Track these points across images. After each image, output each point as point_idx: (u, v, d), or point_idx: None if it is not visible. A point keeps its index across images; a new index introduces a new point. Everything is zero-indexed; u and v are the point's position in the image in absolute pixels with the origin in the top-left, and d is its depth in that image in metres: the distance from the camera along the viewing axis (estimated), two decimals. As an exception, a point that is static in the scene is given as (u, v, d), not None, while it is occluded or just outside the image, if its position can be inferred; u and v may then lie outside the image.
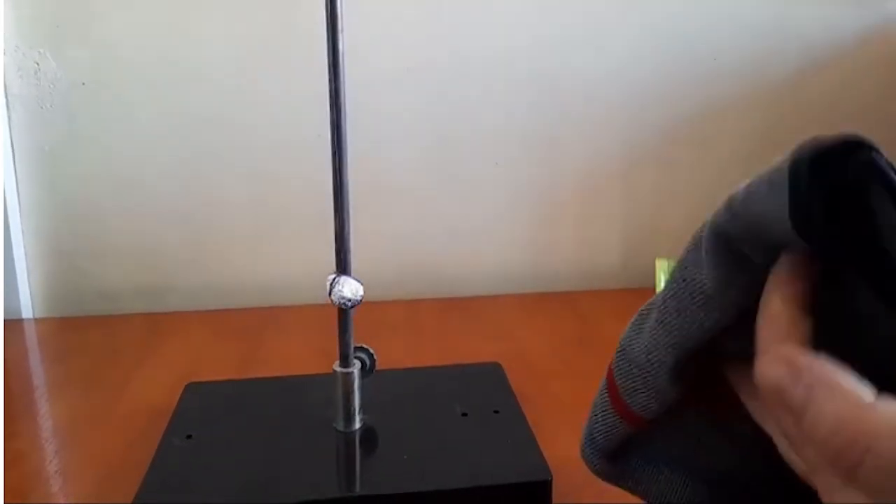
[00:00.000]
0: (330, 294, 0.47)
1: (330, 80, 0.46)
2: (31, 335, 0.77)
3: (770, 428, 0.27)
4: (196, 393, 0.56)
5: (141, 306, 0.81)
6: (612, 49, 0.82)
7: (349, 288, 0.47)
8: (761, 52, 0.84)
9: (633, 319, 0.31)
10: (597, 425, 0.33)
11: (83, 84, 0.77)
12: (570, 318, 0.78)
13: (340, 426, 0.50)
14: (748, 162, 0.87)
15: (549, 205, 0.86)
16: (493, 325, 0.76)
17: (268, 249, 0.83)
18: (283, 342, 0.72)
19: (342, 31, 0.45)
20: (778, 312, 0.24)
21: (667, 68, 0.83)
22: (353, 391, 0.50)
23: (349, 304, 0.48)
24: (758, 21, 0.83)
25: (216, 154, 0.80)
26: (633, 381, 0.31)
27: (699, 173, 0.87)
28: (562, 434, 0.55)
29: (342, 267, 0.48)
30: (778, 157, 0.26)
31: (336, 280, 0.47)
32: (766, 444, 0.28)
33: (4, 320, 0.78)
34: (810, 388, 0.22)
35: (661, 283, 0.32)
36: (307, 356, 0.68)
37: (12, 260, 0.78)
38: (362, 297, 0.48)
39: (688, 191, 0.87)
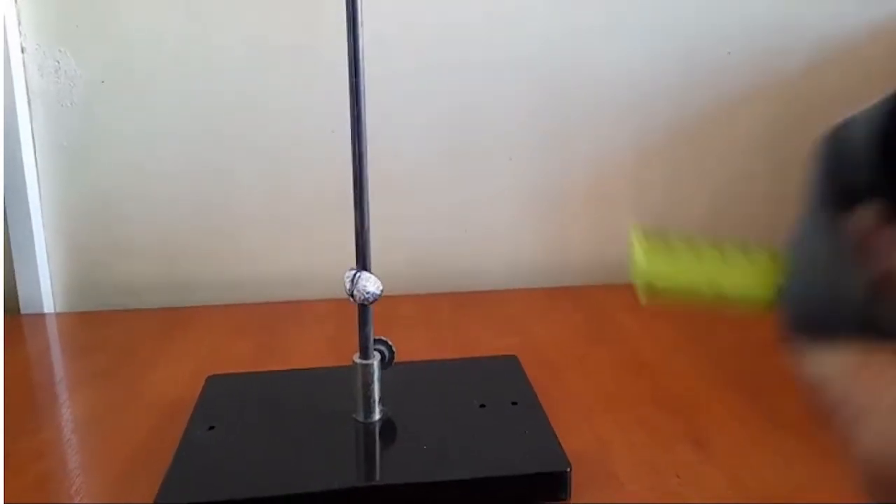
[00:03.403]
0: (352, 290, 0.48)
1: (350, 77, 0.46)
2: (52, 329, 0.78)
3: None
4: (218, 385, 0.57)
5: (160, 301, 0.82)
6: (623, 44, 0.82)
7: (372, 283, 0.48)
8: (773, 47, 0.84)
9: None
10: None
11: (102, 82, 0.78)
12: (583, 311, 0.78)
13: (360, 417, 0.51)
14: (759, 156, 0.87)
15: (562, 199, 0.86)
16: (508, 318, 0.77)
17: (285, 244, 0.84)
18: (300, 336, 0.73)
19: (362, 25, 0.46)
20: None
21: (678, 63, 0.83)
22: (372, 382, 0.51)
23: (371, 298, 0.48)
24: (769, 16, 0.83)
25: (233, 151, 0.81)
26: None
27: (710, 168, 0.87)
28: (579, 425, 0.56)
29: (362, 262, 0.49)
30: (787, 150, 0.26)
31: (358, 276, 0.48)
32: None
33: (26, 314, 0.79)
34: None
35: (637, 251, 0.29)
36: (325, 349, 0.69)
37: (33, 255, 0.79)
38: (382, 291, 0.49)
39: (699, 185, 0.87)
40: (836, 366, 0.26)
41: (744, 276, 0.28)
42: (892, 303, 0.25)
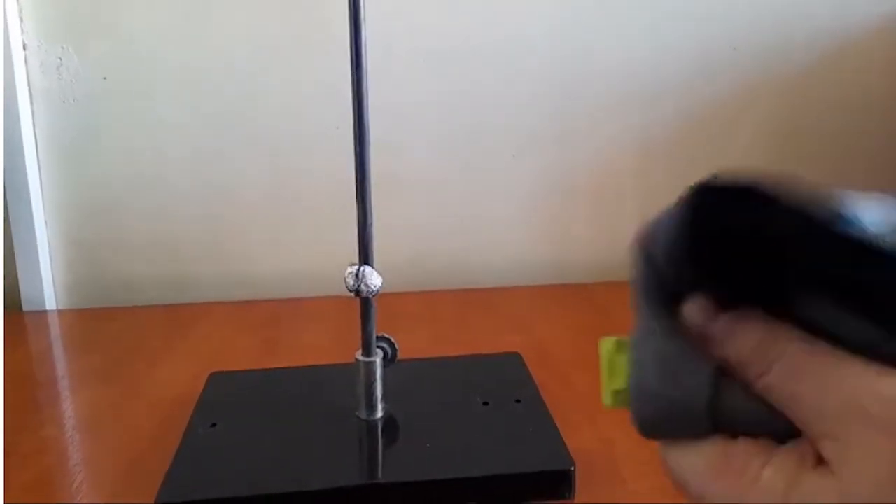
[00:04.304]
0: (357, 286, 0.48)
1: (353, 73, 0.46)
2: (54, 326, 0.78)
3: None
4: (220, 382, 0.56)
5: (163, 298, 0.82)
6: (628, 40, 0.82)
7: (375, 277, 0.48)
8: (780, 42, 0.84)
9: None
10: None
11: (104, 79, 0.78)
12: (587, 309, 0.78)
13: (363, 415, 0.51)
14: (766, 152, 0.86)
15: (566, 196, 0.86)
16: (511, 316, 0.76)
17: (287, 241, 0.84)
18: (303, 333, 0.73)
19: (364, 21, 0.46)
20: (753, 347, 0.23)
21: (684, 58, 0.83)
22: (375, 380, 0.50)
23: (375, 291, 0.48)
24: (777, 10, 0.83)
25: (236, 146, 0.81)
26: None
27: (716, 164, 0.86)
28: (583, 424, 0.55)
29: (365, 257, 0.49)
30: (793, 148, 0.26)
31: (362, 270, 0.48)
32: None
33: (28, 312, 0.79)
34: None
35: (606, 369, 0.28)
36: (327, 346, 0.69)
37: (35, 252, 0.79)
38: (382, 283, 0.49)
39: (706, 182, 0.87)
40: (696, 466, 0.25)
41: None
42: (739, 391, 0.24)
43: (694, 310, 0.24)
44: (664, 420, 0.25)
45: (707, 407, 0.24)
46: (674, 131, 0.85)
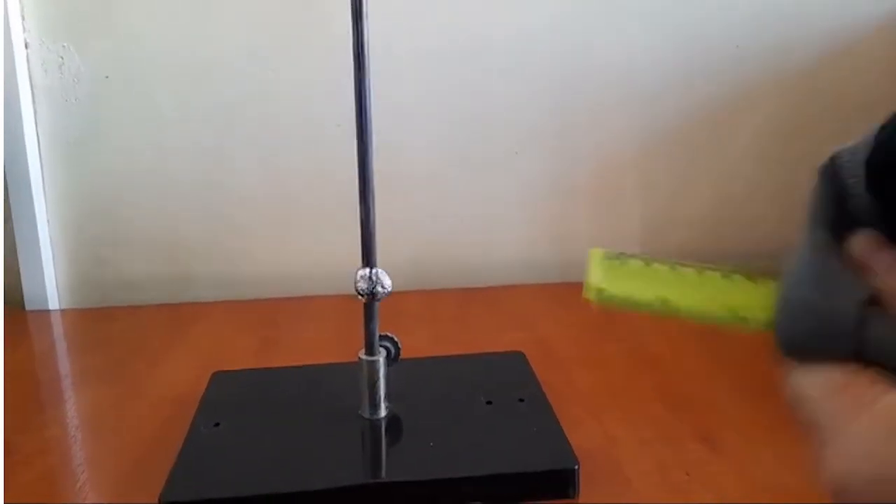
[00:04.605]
0: (372, 288, 0.48)
1: (355, 71, 0.46)
2: (57, 326, 0.78)
3: None
4: (223, 381, 0.56)
5: (165, 297, 0.82)
6: (630, 37, 0.82)
7: (388, 278, 0.48)
8: (782, 40, 0.83)
9: None
10: None
11: (106, 77, 0.78)
12: (590, 307, 0.78)
13: (366, 413, 0.51)
14: (767, 150, 0.86)
15: (568, 193, 0.86)
16: (514, 314, 0.76)
17: (290, 240, 0.83)
18: (306, 331, 0.72)
19: (366, 18, 0.46)
20: None
21: (685, 56, 0.83)
22: (378, 379, 0.50)
23: (387, 293, 0.48)
24: (779, 8, 0.82)
25: (237, 145, 0.81)
26: None
27: (718, 161, 0.86)
28: (587, 422, 0.55)
29: (368, 257, 0.49)
30: (793, 147, 0.27)
31: (375, 272, 0.48)
32: None
33: (31, 311, 0.79)
34: None
35: (593, 273, 0.31)
36: (329, 346, 0.69)
37: (38, 251, 0.79)
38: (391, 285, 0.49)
39: (707, 179, 0.87)
40: (817, 386, 0.26)
41: (694, 292, 0.30)
42: (886, 321, 0.25)
43: (863, 240, 0.26)
44: (809, 336, 0.26)
45: (854, 328, 0.25)
46: (675, 128, 0.85)
